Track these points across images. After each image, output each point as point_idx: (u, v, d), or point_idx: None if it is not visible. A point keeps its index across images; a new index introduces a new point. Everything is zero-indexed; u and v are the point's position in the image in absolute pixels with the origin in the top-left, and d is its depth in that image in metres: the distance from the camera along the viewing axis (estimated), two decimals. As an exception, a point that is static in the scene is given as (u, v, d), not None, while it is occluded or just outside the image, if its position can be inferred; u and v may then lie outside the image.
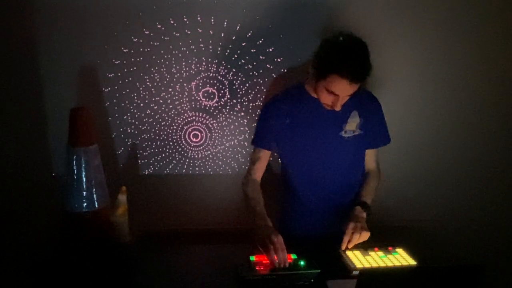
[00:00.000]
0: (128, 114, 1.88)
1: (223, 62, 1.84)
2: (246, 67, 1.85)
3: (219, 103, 1.89)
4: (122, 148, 1.92)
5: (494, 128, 2.05)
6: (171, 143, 1.93)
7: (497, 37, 1.93)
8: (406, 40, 1.89)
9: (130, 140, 1.91)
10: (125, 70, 1.82)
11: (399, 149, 1.72)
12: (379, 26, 1.83)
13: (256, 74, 1.87)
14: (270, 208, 1.61)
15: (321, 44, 1.45)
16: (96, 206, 1.49)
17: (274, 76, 1.87)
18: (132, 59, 1.81)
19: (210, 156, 1.95)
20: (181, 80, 1.86)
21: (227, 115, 1.91)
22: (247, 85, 1.88)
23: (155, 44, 1.80)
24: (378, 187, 1.67)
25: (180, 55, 1.82)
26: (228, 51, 1.83)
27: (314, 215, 1.66)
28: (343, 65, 1.36)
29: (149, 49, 1.80)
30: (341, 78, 1.36)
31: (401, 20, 1.86)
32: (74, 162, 1.47)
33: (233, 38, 1.81)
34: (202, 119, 1.91)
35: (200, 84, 1.87)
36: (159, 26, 1.78)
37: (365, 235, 1.45)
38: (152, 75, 1.84)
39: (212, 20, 1.79)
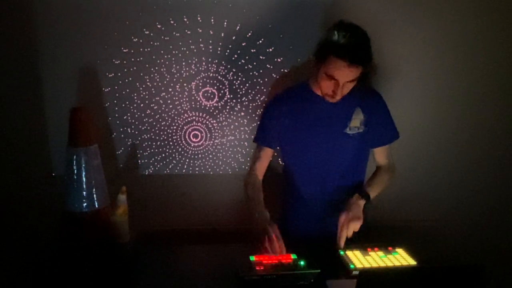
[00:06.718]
0: (128, 114, 1.88)
1: (223, 62, 1.84)
2: (246, 67, 1.85)
3: (219, 103, 1.89)
4: (122, 148, 1.92)
5: (496, 128, 2.05)
6: (171, 143, 1.93)
7: (505, 34, 1.92)
8: (410, 39, 1.89)
9: (130, 140, 1.91)
10: (125, 70, 1.82)
11: (398, 149, 1.72)
12: (382, 25, 1.83)
13: (256, 74, 1.87)
14: (271, 207, 1.61)
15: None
16: (96, 206, 1.49)
17: (274, 76, 1.87)
18: (132, 59, 1.81)
19: (210, 156, 1.95)
20: (181, 80, 1.86)
21: (227, 115, 1.91)
22: (247, 85, 1.88)
23: (155, 44, 1.80)
24: (389, 181, 1.66)
25: (180, 55, 1.82)
26: (228, 51, 1.83)
27: (316, 213, 1.66)
28: (340, 46, 1.37)
29: (149, 49, 1.80)
30: (339, 59, 1.37)
31: (405, 18, 1.86)
32: (74, 162, 1.47)
33: (233, 38, 1.81)
34: (202, 119, 1.91)
35: (200, 84, 1.87)
36: (159, 26, 1.78)
37: (356, 224, 1.43)
38: (152, 75, 1.84)
39: (212, 20, 1.79)
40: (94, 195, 1.49)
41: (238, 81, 1.87)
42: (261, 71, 1.86)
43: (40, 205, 1.87)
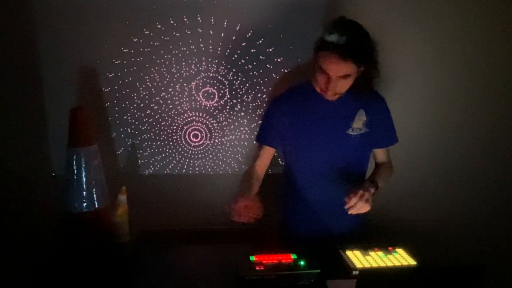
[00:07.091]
0: (128, 114, 1.88)
1: (223, 62, 1.84)
2: (246, 67, 1.85)
3: (219, 103, 1.89)
4: (122, 148, 1.92)
5: (496, 128, 2.05)
6: (171, 143, 1.93)
7: (505, 34, 1.92)
8: (410, 39, 1.89)
9: (130, 140, 1.91)
10: (125, 70, 1.82)
11: (399, 149, 1.72)
12: (383, 27, 1.82)
13: (256, 74, 1.87)
14: (271, 207, 1.61)
15: None
16: (96, 206, 1.49)
17: (274, 76, 1.87)
18: (132, 59, 1.81)
19: (210, 156, 1.95)
20: (181, 80, 1.86)
21: (227, 115, 1.91)
22: (247, 85, 1.88)
23: (155, 44, 1.80)
24: (389, 179, 1.65)
25: (180, 55, 1.82)
26: (228, 51, 1.83)
27: (316, 213, 1.66)
28: (332, 40, 1.38)
29: (149, 49, 1.80)
30: (330, 52, 1.38)
31: (406, 21, 1.86)
32: (74, 162, 1.47)
33: (233, 38, 1.81)
34: (202, 119, 1.91)
35: (200, 84, 1.87)
36: (159, 26, 1.78)
37: (365, 207, 1.41)
38: (152, 75, 1.84)
39: (212, 20, 1.79)
40: (94, 195, 1.49)
41: (238, 81, 1.87)
42: (261, 71, 1.86)
43: (40, 205, 1.87)
